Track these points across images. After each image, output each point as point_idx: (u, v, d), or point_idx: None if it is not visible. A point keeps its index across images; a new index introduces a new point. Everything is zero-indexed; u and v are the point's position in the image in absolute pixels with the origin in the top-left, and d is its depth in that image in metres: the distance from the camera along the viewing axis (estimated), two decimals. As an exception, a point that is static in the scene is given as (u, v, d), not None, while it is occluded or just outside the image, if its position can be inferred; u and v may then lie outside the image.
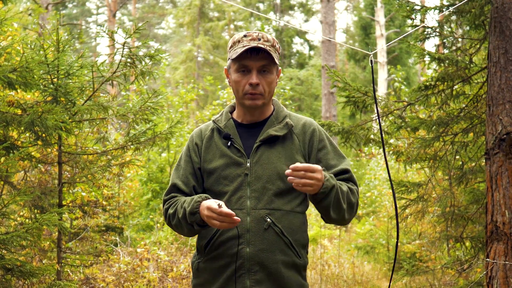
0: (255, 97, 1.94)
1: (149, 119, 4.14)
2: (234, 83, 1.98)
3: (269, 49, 1.92)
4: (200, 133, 2.07)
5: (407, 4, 4.09)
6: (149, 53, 3.97)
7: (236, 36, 1.98)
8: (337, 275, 6.66)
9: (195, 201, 1.88)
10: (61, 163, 4.02)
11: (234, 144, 1.97)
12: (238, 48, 1.93)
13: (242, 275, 1.89)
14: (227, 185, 1.94)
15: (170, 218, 1.99)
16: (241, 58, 1.92)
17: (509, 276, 3.36)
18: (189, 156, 2.04)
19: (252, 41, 1.92)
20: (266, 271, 1.90)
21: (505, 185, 3.44)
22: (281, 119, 2.02)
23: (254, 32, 1.95)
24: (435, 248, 6.15)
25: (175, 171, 2.07)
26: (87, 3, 31.19)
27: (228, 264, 1.91)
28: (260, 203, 1.91)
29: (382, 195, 8.93)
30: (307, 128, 2.03)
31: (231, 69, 1.99)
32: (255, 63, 1.92)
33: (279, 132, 1.98)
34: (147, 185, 8.49)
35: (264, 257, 1.89)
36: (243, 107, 2.00)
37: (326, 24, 13.09)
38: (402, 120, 4.35)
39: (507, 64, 3.55)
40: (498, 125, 3.51)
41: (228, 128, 2.01)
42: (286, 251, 1.92)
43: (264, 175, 1.93)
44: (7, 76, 3.17)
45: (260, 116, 2.02)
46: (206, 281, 1.97)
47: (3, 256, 3.25)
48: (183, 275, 5.25)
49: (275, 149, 1.97)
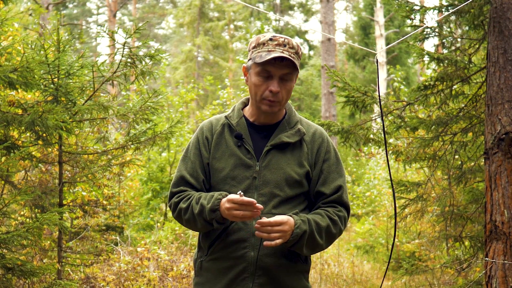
0: (273, 104, 1.93)
1: (149, 118, 4.15)
2: (253, 86, 1.95)
3: (293, 57, 1.90)
4: (211, 127, 2.03)
5: (407, 4, 4.09)
6: (149, 53, 3.98)
7: (261, 37, 1.94)
8: (337, 274, 6.67)
9: (216, 198, 1.86)
10: (61, 162, 4.02)
11: (245, 145, 1.96)
12: (263, 52, 1.90)
13: (245, 278, 1.90)
14: (235, 186, 1.93)
15: (182, 213, 1.95)
16: (265, 63, 1.90)
17: (508, 275, 3.36)
18: (199, 150, 2.00)
19: (277, 46, 1.89)
20: (269, 276, 1.90)
21: (504, 185, 3.44)
22: (293, 124, 2.01)
23: (280, 36, 1.92)
24: (434, 248, 6.15)
25: (182, 162, 2.03)
26: (88, 3, 31.25)
27: (231, 267, 1.91)
28: (266, 208, 1.90)
29: (381, 195, 8.94)
30: (317, 137, 2.03)
31: (251, 70, 1.96)
32: (278, 71, 1.90)
33: (291, 138, 1.97)
34: (147, 184, 8.50)
35: (268, 262, 1.90)
36: (257, 109, 1.99)
37: (326, 24, 13.11)
38: (401, 120, 4.36)
39: (506, 64, 3.55)
40: (497, 125, 3.50)
41: (240, 126, 1.99)
42: (290, 256, 1.94)
43: (272, 180, 1.93)
44: (8, 76, 3.17)
45: (273, 119, 2.01)
46: (208, 280, 1.97)
47: (4, 255, 3.25)
48: (183, 274, 5.26)
49: (285, 155, 1.96)
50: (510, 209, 3.40)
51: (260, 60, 1.88)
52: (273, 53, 1.88)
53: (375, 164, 10.39)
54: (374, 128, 4.55)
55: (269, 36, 1.93)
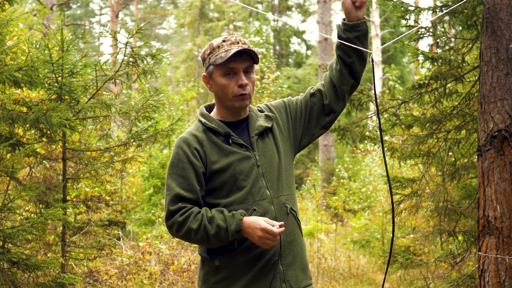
0: (245, 98, 1.98)
1: (150, 116, 4.18)
2: (221, 87, 1.99)
3: (252, 49, 1.98)
4: (195, 138, 2.01)
5: (402, 5, 4.07)
6: (150, 52, 4.01)
7: (214, 42, 2.00)
8: (334, 268, 6.73)
9: (238, 219, 1.88)
10: (65, 159, 4.07)
11: (236, 141, 2.00)
12: (221, 53, 1.96)
13: (276, 261, 1.95)
14: (244, 180, 1.96)
15: (193, 234, 1.91)
16: (226, 61, 1.95)
17: (501, 269, 3.37)
18: (189, 163, 1.97)
19: (232, 44, 1.97)
20: (293, 253, 1.99)
21: (496, 181, 3.45)
22: (259, 112, 2.11)
23: (231, 36, 2.00)
24: (429, 242, 6.15)
25: (171, 180, 1.98)
26: (91, 4, 31.19)
27: (262, 254, 1.93)
28: (277, 191, 1.99)
29: (377, 191, 8.98)
30: (274, 106, 2.15)
31: (214, 75, 2.00)
32: (241, 65, 1.97)
33: (267, 123, 2.06)
34: (149, 180, 8.55)
35: (291, 240, 1.99)
36: (229, 109, 2.03)
37: (323, 24, 13.17)
38: (396, 118, 4.36)
39: (499, 63, 3.51)
40: (489, 123, 3.49)
41: (221, 127, 2.02)
42: (300, 232, 2.05)
43: (272, 165, 2.01)
44: (13, 75, 3.21)
45: (243, 114, 2.08)
46: (231, 275, 1.96)
47: (9, 249, 3.30)
48: (184, 268, 5.31)
49: (269, 140, 2.05)
50: (503, 204, 3.40)
51: (222, 60, 1.94)
52: (232, 50, 1.94)
53: (371, 161, 10.44)
54: (370, 125, 4.56)
55: (221, 39, 2.00)
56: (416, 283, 5.42)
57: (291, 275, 1.97)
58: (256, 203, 1.95)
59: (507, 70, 3.52)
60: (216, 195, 1.99)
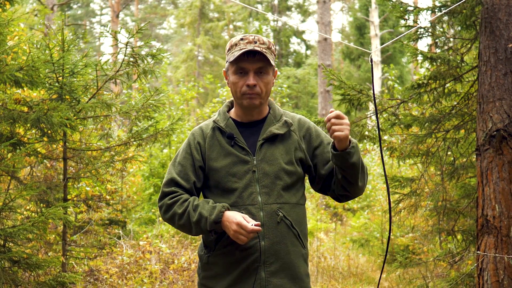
0: (252, 97, 2.00)
1: (151, 116, 4.19)
2: (232, 85, 2.03)
3: (265, 51, 1.98)
4: (202, 132, 2.08)
5: (401, 5, 4.08)
6: (151, 52, 4.02)
7: (234, 39, 2.04)
8: (333, 267, 6.73)
9: (219, 210, 1.92)
10: (66, 158, 4.07)
11: (238, 143, 2.02)
12: (236, 51, 1.98)
13: (257, 267, 1.95)
14: (236, 182, 1.99)
15: (177, 218, 1.98)
16: (238, 60, 1.98)
17: (499, 268, 3.38)
18: (190, 154, 2.05)
19: (248, 44, 1.98)
20: (280, 262, 1.97)
21: (495, 180, 3.46)
22: (279, 117, 2.10)
23: (250, 35, 2.01)
24: (428, 241, 6.16)
25: (172, 167, 2.08)
26: (91, 4, 31.22)
27: (243, 258, 1.96)
28: (270, 198, 1.98)
29: (376, 190, 8.99)
30: (302, 124, 2.13)
31: (229, 71, 2.04)
32: (252, 65, 1.98)
33: (280, 130, 2.05)
34: (149, 180, 8.56)
35: (278, 249, 1.96)
36: (241, 107, 2.06)
37: (322, 24, 13.20)
38: (395, 117, 4.37)
39: (497, 63, 3.53)
40: (488, 122, 3.51)
41: (229, 127, 2.05)
42: (295, 242, 2.01)
43: (271, 172, 2.00)
44: (14, 74, 3.22)
45: (259, 116, 2.09)
46: (217, 274, 2.00)
47: (10, 248, 3.30)
48: (184, 267, 5.33)
49: (277, 147, 2.04)
50: (501, 203, 3.42)
51: (233, 58, 1.98)
52: (243, 50, 1.96)
53: (370, 160, 10.45)
54: (369, 125, 4.56)
55: (240, 37, 2.02)
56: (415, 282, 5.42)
57: (275, 283, 1.96)
58: (244, 207, 1.97)
59: (506, 70, 3.54)
60: (213, 193, 2.05)
